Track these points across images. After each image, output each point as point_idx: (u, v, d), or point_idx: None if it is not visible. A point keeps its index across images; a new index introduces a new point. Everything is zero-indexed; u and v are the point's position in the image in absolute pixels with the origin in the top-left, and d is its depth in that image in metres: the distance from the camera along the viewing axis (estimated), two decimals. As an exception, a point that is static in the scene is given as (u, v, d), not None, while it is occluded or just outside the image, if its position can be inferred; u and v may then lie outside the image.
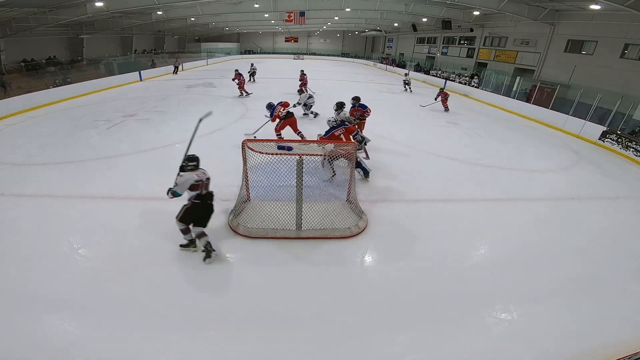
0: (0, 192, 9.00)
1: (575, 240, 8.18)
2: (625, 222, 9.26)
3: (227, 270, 6.57)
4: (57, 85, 22.10)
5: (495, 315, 5.75)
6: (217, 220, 7.96)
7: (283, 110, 12.73)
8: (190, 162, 6.43)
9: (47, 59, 28.84)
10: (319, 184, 7.57)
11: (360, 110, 13.77)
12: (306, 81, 24.36)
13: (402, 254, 7.27)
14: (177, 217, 6.52)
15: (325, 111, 19.54)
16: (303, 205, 7.39)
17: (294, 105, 15.19)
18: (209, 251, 6.60)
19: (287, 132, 12.97)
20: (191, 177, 6.23)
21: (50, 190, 9.12)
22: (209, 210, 6.56)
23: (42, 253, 6.70)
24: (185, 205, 6.43)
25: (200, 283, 6.15)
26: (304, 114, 18.02)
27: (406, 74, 33.00)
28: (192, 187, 6.24)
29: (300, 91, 17.69)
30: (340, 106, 12.22)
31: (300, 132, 13.28)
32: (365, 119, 13.86)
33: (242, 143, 7.65)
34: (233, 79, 22.72)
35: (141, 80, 29.11)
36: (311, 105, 18.18)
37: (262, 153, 7.77)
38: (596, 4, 19.81)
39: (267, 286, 6.17)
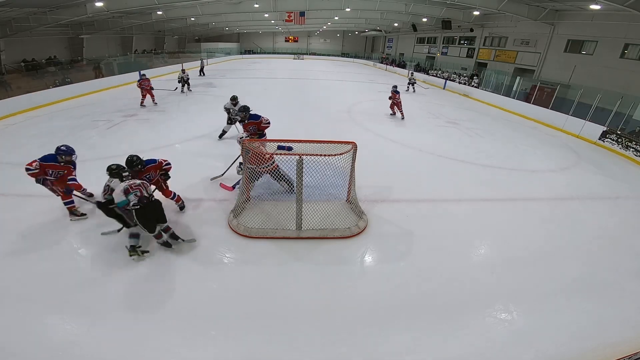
0: (0, 192, 9.00)
1: (575, 240, 8.19)
2: (625, 222, 9.26)
3: (227, 270, 6.57)
4: (57, 85, 22.11)
5: (495, 315, 5.75)
6: (217, 220, 7.99)
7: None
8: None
9: (47, 59, 28.84)
10: (319, 184, 7.54)
11: (253, 123, 10.75)
12: (150, 87, 19.48)
13: (402, 254, 7.27)
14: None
15: (326, 111, 19.60)
16: (303, 205, 7.38)
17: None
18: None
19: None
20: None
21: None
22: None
23: (42, 253, 6.71)
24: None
25: (200, 283, 6.15)
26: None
27: (412, 73, 33.17)
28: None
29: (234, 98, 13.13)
30: None
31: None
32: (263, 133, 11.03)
33: (242, 143, 7.66)
34: None
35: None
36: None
37: (262, 153, 7.77)
38: (596, 4, 19.84)
39: (267, 286, 6.17)
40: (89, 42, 33.93)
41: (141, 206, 6.07)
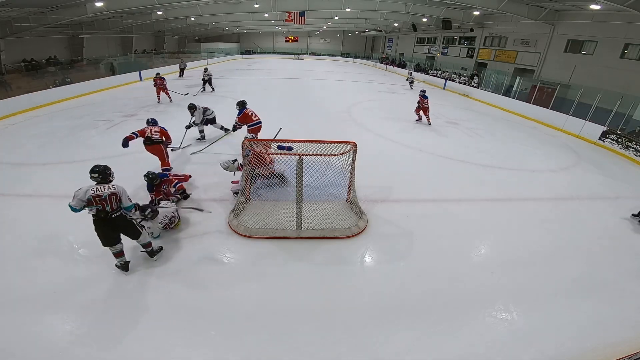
0: (0, 192, 9.00)
1: (575, 240, 8.20)
2: (625, 222, 9.25)
3: (227, 270, 6.57)
4: (57, 85, 22.12)
5: (495, 315, 5.75)
6: (217, 220, 8.00)
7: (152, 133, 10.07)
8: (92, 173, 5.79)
9: (47, 59, 28.83)
10: (319, 183, 7.54)
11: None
12: (164, 86, 20.62)
13: (402, 254, 7.28)
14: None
15: (327, 114, 19.59)
16: (303, 206, 7.40)
17: (187, 127, 12.92)
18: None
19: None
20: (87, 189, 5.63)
21: (50, 190, 9.11)
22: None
23: (42, 253, 6.71)
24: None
25: (200, 283, 6.16)
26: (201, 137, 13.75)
27: (410, 73, 34.11)
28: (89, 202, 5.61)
29: (192, 107, 12.98)
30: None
31: (169, 169, 10.30)
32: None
33: (242, 143, 7.66)
34: None
35: (141, 80, 29.07)
36: (210, 120, 13.66)
37: (262, 153, 7.77)
38: (596, 4, 19.85)
39: (266, 286, 6.18)
40: (89, 42, 33.92)
41: (98, 219, 5.76)
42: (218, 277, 6.35)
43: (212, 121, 13.65)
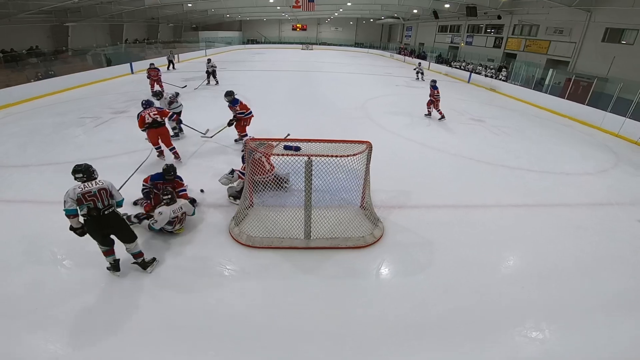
0: (-21, 197, 9.08)
1: (615, 250, 8.14)
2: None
3: (227, 284, 6.59)
4: (40, 79, 22.32)
5: (526, 333, 5.72)
6: (217, 229, 8.03)
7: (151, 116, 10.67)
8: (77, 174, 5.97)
9: (29, 49, 29.04)
10: (330, 187, 7.53)
11: (231, 109, 12.56)
12: (158, 78, 21.89)
13: (422, 266, 7.27)
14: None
15: (329, 109, 19.59)
16: (312, 212, 7.39)
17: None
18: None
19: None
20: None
21: (31, 195, 9.20)
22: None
23: (22, 264, 6.74)
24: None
25: (197, 298, 6.17)
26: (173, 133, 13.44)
27: (420, 63, 35.33)
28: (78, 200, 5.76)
29: (158, 94, 13.48)
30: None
31: (173, 148, 11.37)
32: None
33: (245, 143, 7.68)
34: None
35: (132, 72, 29.27)
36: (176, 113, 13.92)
37: (267, 154, 7.79)
38: (638, -13, 19.71)
39: (271, 301, 6.19)
40: (75, 30, 34.14)
41: (90, 218, 5.89)
42: (218, 291, 6.36)
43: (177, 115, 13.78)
